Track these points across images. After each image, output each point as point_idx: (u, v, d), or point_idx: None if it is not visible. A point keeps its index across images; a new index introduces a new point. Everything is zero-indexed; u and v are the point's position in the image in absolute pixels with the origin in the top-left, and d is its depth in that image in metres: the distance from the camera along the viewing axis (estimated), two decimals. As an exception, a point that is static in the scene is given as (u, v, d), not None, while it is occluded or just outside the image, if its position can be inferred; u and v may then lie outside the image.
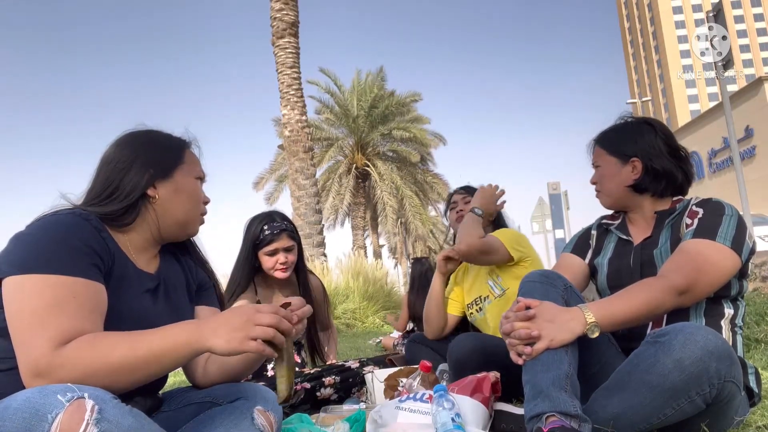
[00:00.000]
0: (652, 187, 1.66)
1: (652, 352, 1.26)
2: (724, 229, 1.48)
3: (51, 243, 1.07)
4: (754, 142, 30.66)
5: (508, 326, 1.35)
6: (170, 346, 1.02)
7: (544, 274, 1.51)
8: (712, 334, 1.25)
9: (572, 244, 1.89)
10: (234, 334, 1.00)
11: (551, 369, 1.28)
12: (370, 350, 5.35)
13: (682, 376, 1.21)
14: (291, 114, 9.73)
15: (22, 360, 0.99)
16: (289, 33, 9.73)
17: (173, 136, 1.37)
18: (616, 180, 1.70)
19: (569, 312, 1.35)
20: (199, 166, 1.38)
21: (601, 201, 1.79)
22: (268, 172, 22.06)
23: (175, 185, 1.29)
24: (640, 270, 1.60)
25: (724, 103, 8.63)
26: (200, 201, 1.35)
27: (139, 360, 1.00)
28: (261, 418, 1.16)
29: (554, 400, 1.23)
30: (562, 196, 11.69)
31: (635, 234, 1.70)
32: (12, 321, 1.02)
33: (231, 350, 1.01)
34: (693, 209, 1.58)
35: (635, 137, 1.69)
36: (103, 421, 0.86)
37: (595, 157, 1.79)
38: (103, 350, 0.99)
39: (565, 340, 1.30)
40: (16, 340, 1.01)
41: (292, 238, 2.46)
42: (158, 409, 1.28)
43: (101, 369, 0.98)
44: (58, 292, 1.02)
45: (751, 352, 2.63)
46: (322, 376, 2.27)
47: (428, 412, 1.45)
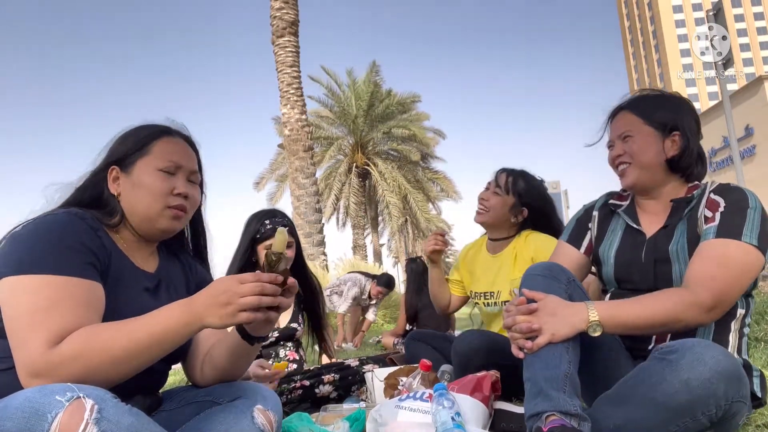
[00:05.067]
0: (687, 167, 1.52)
1: (659, 369, 1.20)
2: (750, 225, 1.36)
3: (45, 243, 1.07)
4: (754, 141, 30.68)
5: (509, 320, 1.33)
6: (171, 329, 1.03)
7: (547, 267, 1.46)
8: (722, 353, 1.18)
9: (569, 230, 1.76)
10: (223, 311, 1.02)
11: (551, 368, 1.26)
12: (370, 349, 5.35)
13: (688, 397, 1.16)
14: (291, 113, 9.74)
15: (19, 362, 0.99)
16: (289, 32, 9.74)
17: (144, 127, 1.32)
18: (655, 151, 1.52)
19: (573, 307, 1.32)
20: (174, 155, 1.28)
21: (627, 179, 1.58)
22: (268, 171, 22.07)
23: (132, 180, 1.25)
24: (654, 267, 1.50)
25: (724, 102, 8.64)
26: (163, 193, 1.24)
27: (141, 347, 1.01)
28: (261, 417, 1.16)
29: (554, 399, 1.22)
30: (561, 195, 11.71)
31: (646, 223, 1.57)
32: (9, 323, 1.02)
33: (225, 325, 1.03)
34: (712, 198, 1.46)
35: (677, 110, 1.54)
36: (102, 421, 0.86)
37: (623, 126, 1.58)
38: (100, 343, 1.00)
39: (567, 334, 1.28)
40: (13, 343, 1.01)
41: (292, 235, 2.50)
42: (158, 408, 1.28)
43: (102, 362, 0.99)
44: (52, 292, 1.02)
45: (751, 351, 2.63)
46: (321, 373, 2.28)
47: (428, 411, 1.45)
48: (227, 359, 1.25)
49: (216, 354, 1.27)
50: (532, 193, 2.39)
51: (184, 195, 1.27)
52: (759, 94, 30.26)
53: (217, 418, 1.16)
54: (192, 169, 1.31)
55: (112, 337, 1.01)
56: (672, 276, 1.46)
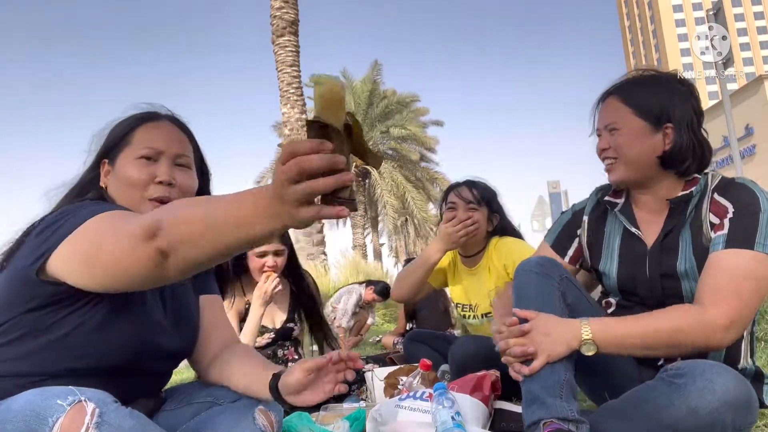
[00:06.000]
0: (682, 162, 1.37)
1: (666, 392, 1.15)
2: (762, 231, 1.24)
3: (70, 215, 1.02)
4: (754, 140, 30.66)
5: (503, 344, 1.28)
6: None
7: (540, 263, 1.41)
8: (733, 381, 1.11)
9: (554, 234, 1.63)
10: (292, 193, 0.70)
11: (546, 377, 1.24)
12: (370, 349, 5.35)
13: (695, 423, 1.11)
14: (291, 112, 9.74)
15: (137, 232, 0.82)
16: (289, 31, 9.72)
17: (127, 117, 1.27)
18: (644, 147, 1.37)
19: (566, 324, 1.26)
20: (153, 141, 1.21)
21: (613, 175, 1.43)
22: (268, 171, 22.05)
23: (116, 172, 1.21)
24: (660, 282, 1.39)
25: (724, 101, 8.63)
26: (141, 183, 1.18)
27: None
28: (262, 418, 1.15)
29: (550, 407, 1.21)
30: (562, 194, 11.69)
31: (645, 225, 1.44)
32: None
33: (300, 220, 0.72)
34: (716, 200, 1.33)
35: (670, 98, 1.37)
36: (103, 425, 0.86)
37: (610, 116, 1.42)
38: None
39: (563, 354, 1.23)
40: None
41: (284, 242, 2.47)
42: (160, 409, 1.27)
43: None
44: (106, 217, 0.96)
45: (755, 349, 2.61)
46: (321, 373, 2.27)
47: (428, 411, 1.44)
48: (241, 388, 1.23)
49: (232, 379, 1.24)
50: (493, 195, 2.34)
51: (168, 182, 1.19)
52: (759, 94, 30.27)
53: (218, 418, 1.16)
54: (177, 153, 1.23)
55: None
56: (682, 292, 1.37)
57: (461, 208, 2.24)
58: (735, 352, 1.37)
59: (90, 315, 1.06)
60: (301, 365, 1.11)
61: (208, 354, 1.32)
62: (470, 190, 2.28)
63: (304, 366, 1.10)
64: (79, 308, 1.06)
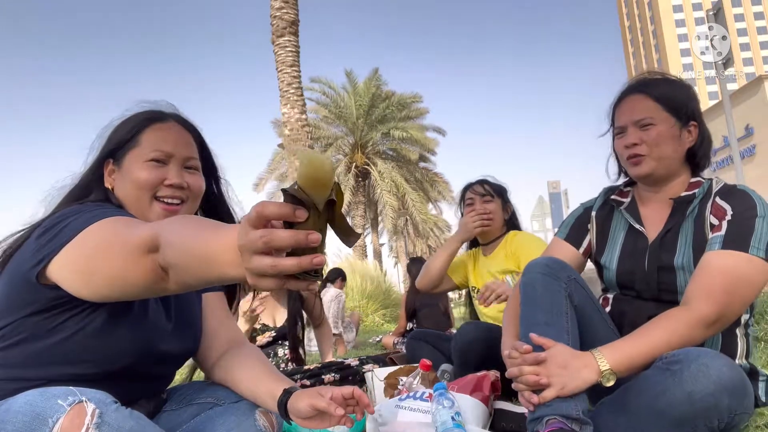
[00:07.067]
0: (703, 157, 1.47)
1: (661, 379, 1.17)
2: (758, 235, 1.29)
3: (73, 216, 1.01)
4: (754, 140, 30.68)
5: (515, 370, 1.25)
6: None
7: (547, 265, 1.41)
8: (727, 365, 1.13)
9: (567, 228, 1.68)
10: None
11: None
12: (370, 348, 5.35)
13: (691, 409, 1.13)
14: (291, 113, 9.73)
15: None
16: (289, 32, 9.71)
17: (133, 116, 1.24)
18: (677, 143, 1.44)
19: (582, 358, 1.24)
20: (163, 143, 1.19)
21: (641, 168, 1.47)
22: (267, 172, 22.05)
23: (122, 173, 1.19)
24: (657, 275, 1.44)
25: (724, 101, 8.63)
26: (149, 185, 1.17)
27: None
28: (263, 419, 1.15)
29: (554, 404, 1.21)
30: (562, 194, 11.71)
31: (648, 222, 1.50)
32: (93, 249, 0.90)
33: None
34: (718, 203, 1.38)
35: (689, 96, 1.47)
36: (103, 425, 0.86)
37: (642, 111, 1.46)
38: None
39: (577, 388, 1.20)
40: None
41: None
42: (161, 409, 1.27)
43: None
44: (110, 223, 0.94)
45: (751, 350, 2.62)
46: (321, 373, 2.28)
47: (428, 411, 1.45)
48: (248, 396, 1.22)
49: (239, 386, 1.23)
50: (505, 190, 2.60)
51: (178, 185, 1.18)
52: (759, 94, 30.27)
53: (218, 419, 1.15)
54: (187, 156, 1.22)
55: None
56: (677, 286, 1.41)
57: (478, 201, 2.50)
58: (730, 352, 1.39)
59: (90, 320, 1.06)
60: (311, 399, 1.08)
61: (214, 353, 1.31)
62: (483, 185, 2.55)
63: (314, 403, 1.08)
64: (79, 313, 1.05)
